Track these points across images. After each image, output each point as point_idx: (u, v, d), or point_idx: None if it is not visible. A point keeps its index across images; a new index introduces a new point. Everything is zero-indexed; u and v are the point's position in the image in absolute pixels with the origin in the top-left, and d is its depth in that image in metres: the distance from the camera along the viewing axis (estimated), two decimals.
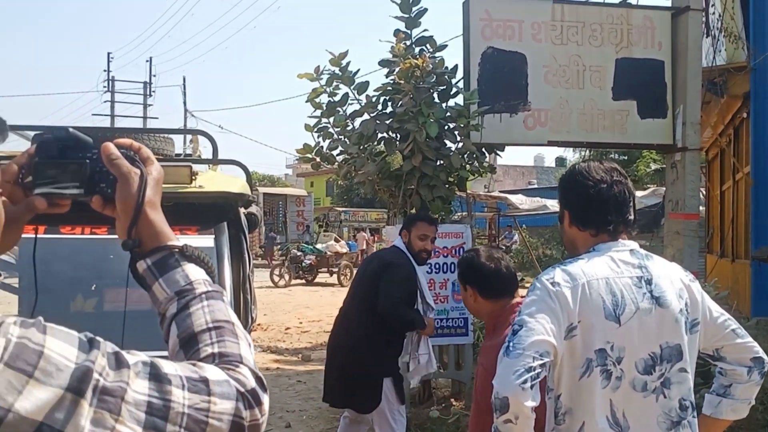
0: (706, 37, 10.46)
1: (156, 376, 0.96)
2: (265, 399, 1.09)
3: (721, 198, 14.33)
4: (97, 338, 0.96)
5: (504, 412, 1.99)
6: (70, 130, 1.18)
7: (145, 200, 1.17)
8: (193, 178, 2.63)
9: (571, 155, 34.96)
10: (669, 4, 8.91)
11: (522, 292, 2.65)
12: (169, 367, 0.99)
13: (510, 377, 1.99)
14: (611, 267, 2.16)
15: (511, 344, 2.05)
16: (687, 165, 8.38)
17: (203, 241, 2.58)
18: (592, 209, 2.24)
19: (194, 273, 1.19)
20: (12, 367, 0.84)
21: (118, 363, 0.94)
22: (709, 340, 2.33)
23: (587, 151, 12.37)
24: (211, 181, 2.72)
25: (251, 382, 1.07)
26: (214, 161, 3.01)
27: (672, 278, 2.23)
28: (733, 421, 2.41)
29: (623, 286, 2.14)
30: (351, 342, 5.01)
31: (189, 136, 4.72)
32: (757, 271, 9.76)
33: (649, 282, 2.18)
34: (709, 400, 2.41)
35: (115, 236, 1.13)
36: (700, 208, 13.60)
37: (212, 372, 1.03)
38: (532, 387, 1.99)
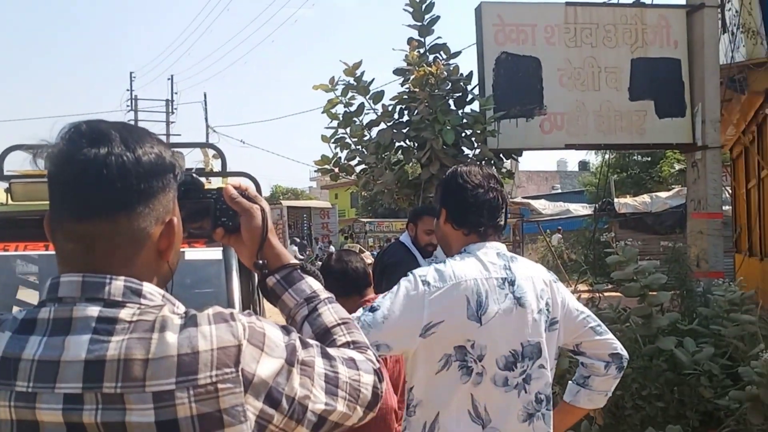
0: (724, 33, 10.34)
1: (326, 355, 1.26)
2: (386, 375, 1.39)
3: (747, 196, 14.14)
4: (288, 326, 1.27)
5: None
6: (193, 175, 1.43)
7: (267, 229, 1.44)
8: None
9: (594, 158, 34.73)
10: (684, 2, 8.83)
11: None
12: (330, 350, 1.29)
13: None
14: (480, 269, 2.26)
15: (359, 319, 2.16)
16: (708, 163, 8.29)
17: (211, 253, 2.59)
18: (467, 211, 2.36)
19: (314, 284, 1.47)
20: (251, 344, 1.14)
21: (304, 344, 1.24)
22: (569, 336, 2.45)
23: (608, 154, 12.25)
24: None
25: (377, 363, 1.36)
26: (224, 174, 3.02)
27: (534, 279, 2.34)
28: (589, 411, 2.66)
29: (489, 288, 2.24)
30: None
31: (210, 151, 4.76)
32: None
33: (512, 283, 2.28)
34: (570, 388, 2.59)
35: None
36: (726, 207, 13.46)
37: (354, 354, 1.33)
38: None
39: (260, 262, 1.44)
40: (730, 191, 15.89)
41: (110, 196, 1.14)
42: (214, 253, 2.59)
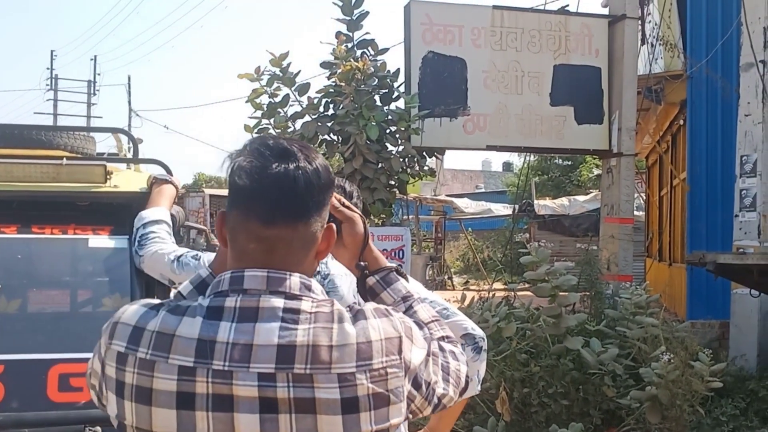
0: (643, 45, 10.68)
1: (441, 348, 1.46)
2: None
3: (660, 203, 14.65)
4: (420, 322, 1.49)
5: None
6: None
7: (368, 235, 1.66)
8: (108, 177, 2.58)
9: (518, 160, 35.39)
10: (606, 12, 9.08)
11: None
12: (442, 343, 1.48)
13: None
14: None
15: None
16: (622, 170, 8.55)
17: (117, 242, 2.53)
18: None
19: (408, 285, 1.66)
20: (406, 336, 1.34)
21: (426, 337, 1.43)
22: None
23: (531, 156, 12.52)
24: (127, 180, 2.68)
25: (464, 355, 1.56)
26: (134, 160, 2.96)
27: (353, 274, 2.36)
28: (474, 402, 2.57)
29: None
30: None
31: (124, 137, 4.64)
32: (691, 275, 9.99)
33: (324, 277, 2.35)
34: None
35: (41, 236, 1.28)
36: (639, 212, 13.93)
37: (452, 347, 1.51)
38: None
39: (362, 264, 1.65)
40: (644, 198, 16.44)
41: (296, 207, 1.33)
42: (120, 242, 2.53)
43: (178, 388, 1.26)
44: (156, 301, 1.39)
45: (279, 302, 1.31)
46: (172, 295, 2.14)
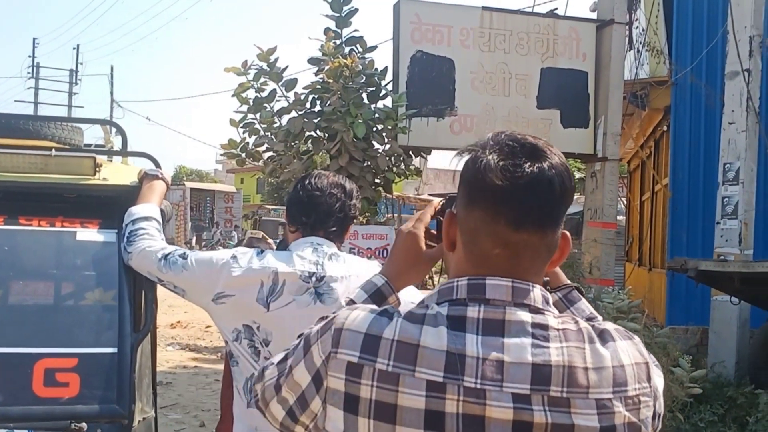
0: (630, 50, 10.75)
1: None
2: None
3: (641, 208, 14.75)
4: None
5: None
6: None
7: None
8: (97, 170, 2.55)
9: None
10: (594, 16, 9.12)
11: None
12: None
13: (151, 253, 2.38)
14: (287, 261, 2.32)
15: (172, 254, 2.35)
16: (606, 175, 8.60)
17: (106, 236, 2.49)
18: (298, 211, 2.44)
19: (589, 306, 1.56)
20: (653, 363, 1.27)
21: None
22: None
23: None
24: (116, 173, 2.64)
25: None
26: (123, 153, 2.92)
27: (353, 278, 2.34)
28: None
29: (288, 279, 2.29)
30: None
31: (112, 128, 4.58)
32: (671, 281, 10.06)
33: (319, 279, 2.32)
34: None
35: (29, 227, 1.24)
36: (620, 217, 14.02)
37: None
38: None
39: (545, 278, 1.45)
40: (625, 202, 16.54)
41: (549, 211, 1.22)
42: (108, 235, 2.50)
43: (427, 406, 1.15)
44: (373, 306, 1.30)
45: (526, 316, 1.20)
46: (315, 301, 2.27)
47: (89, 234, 2.51)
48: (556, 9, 9.28)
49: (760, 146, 7.79)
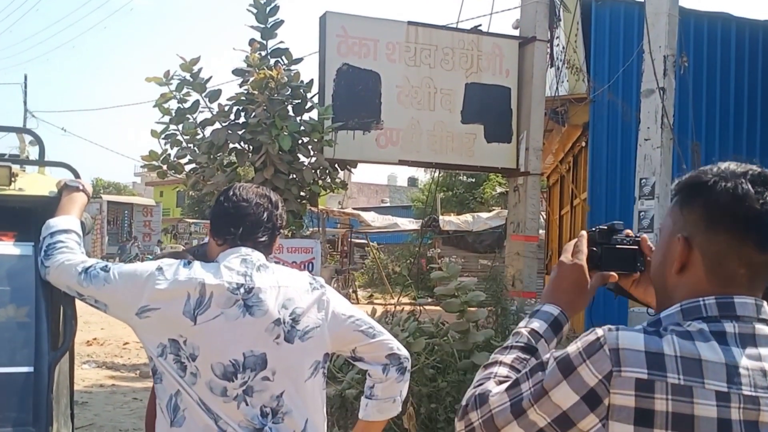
0: (551, 67, 11.00)
1: None
2: None
3: (560, 222, 15.09)
4: None
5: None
6: (622, 224, 1.74)
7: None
8: (13, 179, 2.43)
9: (423, 176, 35.88)
10: (517, 33, 9.30)
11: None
12: None
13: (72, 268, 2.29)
14: (214, 272, 2.28)
15: (93, 266, 2.28)
16: (528, 189, 8.76)
17: (22, 248, 2.37)
18: (223, 223, 2.40)
19: None
20: None
21: None
22: (339, 342, 2.42)
23: (437, 172, 12.69)
24: (33, 183, 2.52)
25: None
26: (41, 162, 2.79)
27: (283, 289, 2.34)
28: (387, 421, 2.55)
29: (216, 291, 2.24)
30: None
31: (28, 137, 4.39)
32: None
33: (248, 291, 2.27)
34: (362, 403, 2.52)
35: None
36: (540, 231, 14.31)
37: None
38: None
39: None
40: (545, 216, 16.90)
41: None
42: (24, 249, 2.37)
43: (718, 415, 1.27)
44: (612, 327, 1.40)
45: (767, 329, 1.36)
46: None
47: (4, 247, 2.39)
48: (480, 25, 9.42)
49: (674, 161, 8.07)
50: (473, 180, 28.07)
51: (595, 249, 1.70)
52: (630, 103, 9.81)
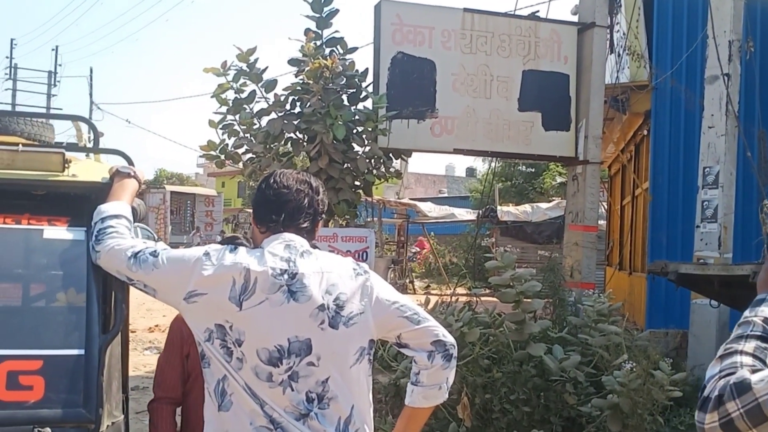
0: (611, 54, 10.77)
1: None
2: None
3: (621, 212, 14.80)
4: None
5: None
6: None
7: None
8: (66, 166, 2.47)
9: (481, 166, 35.57)
10: (576, 19, 9.12)
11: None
12: None
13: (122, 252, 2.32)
14: (258, 258, 2.28)
15: (143, 251, 2.30)
16: (587, 178, 8.58)
17: (74, 234, 2.42)
18: (266, 210, 2.40)
19: None
20: None
21: None
22: (384, 329, 2.41)
23: (496, 162, 12.55)
24: (86, 170, 2.56)
25: None
26: (94, 150, 2.84)
27: (327, 274, 2.32)
28: (443, 411, 2.55)
29: (261, 277, 2.24)
30: None
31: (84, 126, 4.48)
32: (651, 285, 10.09)
33: (292, 276, 2.27)
34: (408, 389, 2.49)
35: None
36: (601, 221, 14.06)
37: None
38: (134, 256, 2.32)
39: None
40: (606, 207, 16.59)
41: None
42: (77, 234, 2.42)
43: None
44: None
45: None
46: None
47: (57, 232, 2.43)
48: (538, 11, 9.27)
49: (739, 150, 7.82)
50: (533, 170, 27.70)
51: None
52: (693, 90, 9.55)
